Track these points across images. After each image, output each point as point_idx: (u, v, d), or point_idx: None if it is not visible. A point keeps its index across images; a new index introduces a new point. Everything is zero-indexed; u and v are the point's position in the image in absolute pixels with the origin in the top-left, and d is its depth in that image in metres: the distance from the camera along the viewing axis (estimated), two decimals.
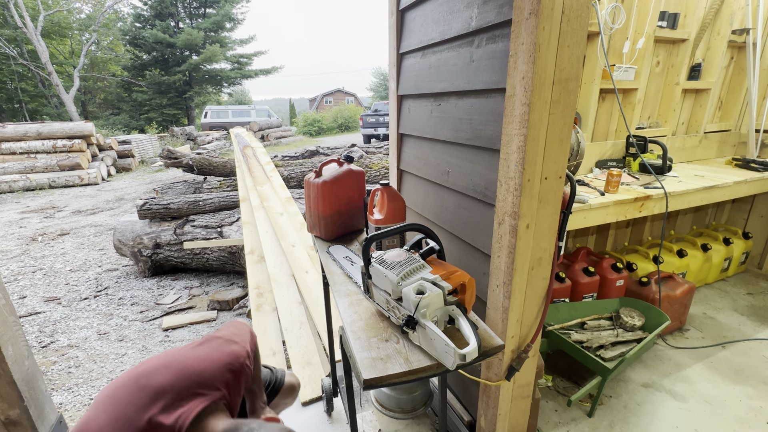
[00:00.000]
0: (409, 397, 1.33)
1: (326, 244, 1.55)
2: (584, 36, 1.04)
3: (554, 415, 1.80)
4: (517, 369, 1.30)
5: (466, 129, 1.35)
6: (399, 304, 0.93)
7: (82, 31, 19.49)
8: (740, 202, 3.20)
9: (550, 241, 1.22)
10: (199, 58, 20.18)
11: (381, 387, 0.90)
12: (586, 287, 2.24)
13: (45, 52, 15.20)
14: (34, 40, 14.98)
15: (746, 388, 1.93)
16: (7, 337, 1.47)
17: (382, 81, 40.92)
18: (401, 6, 1.73)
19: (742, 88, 2.85)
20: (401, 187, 2.02)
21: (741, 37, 2.64)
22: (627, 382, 1.99)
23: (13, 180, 7.99)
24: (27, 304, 3.26)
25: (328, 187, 1.49)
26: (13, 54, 15.86)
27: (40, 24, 15.62)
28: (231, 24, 22.22)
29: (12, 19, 14.89)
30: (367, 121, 14.35)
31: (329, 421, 1.81)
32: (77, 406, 2.07)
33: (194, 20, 21.65)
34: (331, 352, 1.76)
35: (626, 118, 2.39)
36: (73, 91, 17.13)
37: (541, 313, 1.30)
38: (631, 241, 2.92)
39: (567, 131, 1.11)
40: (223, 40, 21.87)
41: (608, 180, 1.95)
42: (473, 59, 1.27)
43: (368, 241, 1.03)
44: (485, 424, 1.46)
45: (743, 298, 2.76)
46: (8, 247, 4.71)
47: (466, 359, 0.81)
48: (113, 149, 10.16)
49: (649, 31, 2.26)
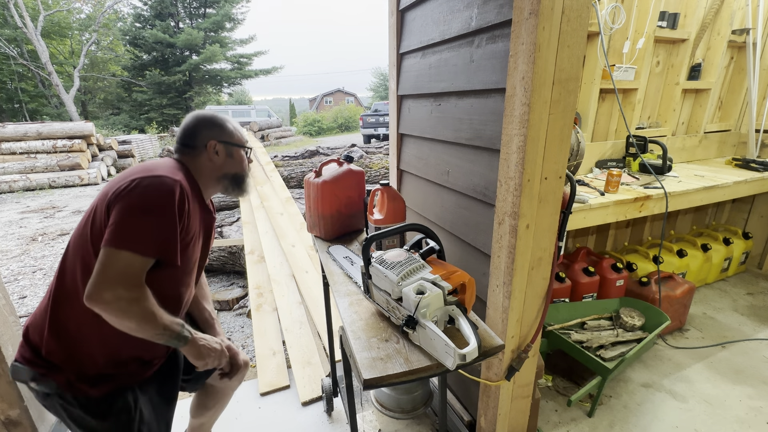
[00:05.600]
0: (409, 397, 1.33)
1: (326, 244, 1.55)
2: (584, 36, 1.04)
3: (554, 415, 1.80)
4: (517, 369, 1.30)
5: (466, 129, 1.35)
6: (399, 304, 0.93)
7: (82, 31, 19.49)
8: (740, 202, 3.20)
9: (550, 241, 1.22)
10: (199, 58, 20.18)
11: (381, 387, 0.90)
12: (586, 287, 2.24)
13: (45, 52, 15.20)
14: (34, 40, 14.98)
15: (746, 388, 1.92)
16: (7, 337, 1.47)
17: (382, 81, 40.90)
18: (401, 6, 1.73)
19: (742, 88, 2.85)
20: (401, 187, 2.02)
21: (741, 37, 2.64)
22: (627, 382, 1.99)
23: (13, 180, 7.99)
24: (27, 304, 3.26)
25: (328, 187, 1.49)
26: (13, 54, 15.86)
27: (40, 24, 15.62)
28: (231, 24, 22.21)
29: (12, 19, 14.88)
30: (367, 121, 14.36)
31: (329, 421, 1.81)
32: None
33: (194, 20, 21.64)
34: (331, 352, 1.76)
35: (626, 118, 2.39)
36: (73, 91, 17.13)
37: (541, 313, 1.30)
38: (631, 241, 2.92)
39: (567, 131, 1.11)
40: (223, 40, 21.87)
41: (608, 180, 1.95)
42: (473, 59, 1.27)
43: (368, 241, 1.03)
44: (485, 424, 1.46)
45: (743, 298, 2.76)
46: (8, 247, 4.71)
47: (466, 359, 0.81)
48: (113, 149, 10.15)
49: (649, 31, 2.26)
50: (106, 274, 0.91)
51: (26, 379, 1.03)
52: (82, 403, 1.05)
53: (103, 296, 0.91)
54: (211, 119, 1.20)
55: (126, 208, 0.95)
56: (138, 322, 0.95)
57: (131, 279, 0.94)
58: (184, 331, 1.05)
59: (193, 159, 1.18)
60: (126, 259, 0.93)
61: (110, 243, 0.93)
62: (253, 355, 2.41)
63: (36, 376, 1.02)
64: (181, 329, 1.04)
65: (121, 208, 0.95)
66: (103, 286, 0.91)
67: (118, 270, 0.92)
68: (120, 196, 0.96)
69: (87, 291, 0.91)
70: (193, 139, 1.17)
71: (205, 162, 1.18)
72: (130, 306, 0.94)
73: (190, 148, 1.17)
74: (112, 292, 0.91)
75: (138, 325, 0.96)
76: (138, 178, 0.98)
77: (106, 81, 21.75)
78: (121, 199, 0.95)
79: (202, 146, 1.17)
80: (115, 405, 1.07)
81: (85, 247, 1.00)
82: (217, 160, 1.19)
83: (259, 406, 1.93)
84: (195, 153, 1.17)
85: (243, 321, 2.89)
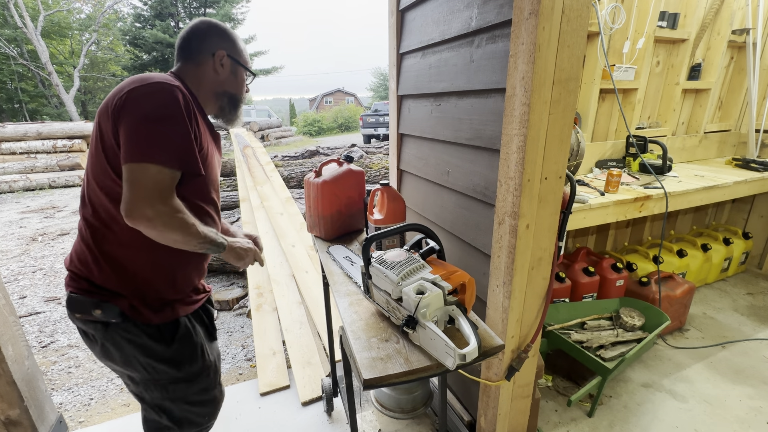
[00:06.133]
0: (409, 397, 1.33)
1: (326, 244, 1.55)
2: (584, 36, 1.04)
3: (554, 415, 1.80)
4: (517, 369, 1.30)
5: (466, 129, 1.35)
6: (399, 304, 0.93)
7: (82, 31, 19.48)
8: (740, 202, 3.20)
9: (550, 241, 1.22)
10: None
11: (381, 387, 0.90)
12: (586, 287, 2.24)
13: (45, 52, 15.19)
14: (34, 40, 14.97)
15: (746, 388, 1.92)
16: (7, 337, 1.47)
17: (382, 81, 40.89)
18: (401, 6, 1.73)
19: (742, 88, 2.85)
20: (401, 187, 2.02)
21: (741, 37, 2.64)
22: (627, 382, 1.99)
23: (13, 180, 7.98)
24: (27, 304, 3.26)
25: (328, 187, 1.49)
26: (13, 54, 15.85)
27: (40, 24, 15.61)
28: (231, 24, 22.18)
29: (12, 19, 14.87)
30: (367, 121, 14.35)
31: (329, 421, 1.81)
32: (77, 406, 2.07)
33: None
34: (331, 352, 1.76)
35: (626, 118, 2.39)
36: (73, 91, 17.12)
37: (541, 313, 1.30)
38: (631, 241, 2.92)
39: (567, 131, 1.11)
40: None
41: (608, 180, 1.95)
42: (473, 59, 1.27)
43: (368, 241, 1.03)
44: (485, 424, 1.46)
45: (743, 298, 2.76)
46: (8, 247, 4.71)
47: (466, 359, 0.81)
48: None
49: (649, 31, 2.26)
50: (140, 190, 0.89)
51: (89, 307, 1.01)
52: (146, 330, 1.06)
53: (145, 213, 0.89)
54: (224, 29, 1.13)
55: (135, 121, 0.91)
56: (182, 233, 0.96)
57: (165, 192, 0.92)
58: (219, 238, 1.07)
59: (195, 68, 1.11)
60: (153, 172, 0.91)
61: (131, 158, 0.90)
62: (253, 355, 2.41)
63: (98, 302, 1.01)
64: (216, 236, 1.06)
65: (130, 121, 0.91)
66: (142, 203, 0.89)
67: (149, 185, 0.90)
68: (124, 110, 0.92)
69: (125, 211, 0.89)
70: (200, 44, 1.10)
71: (208, 72, 1.12)
72: (172, 219, 0.93)
73: (193, 54, 1.10)
74: (152, 208, 0.90)
75: (183, 236, 0.96)
76: (134, 87, 0.94)
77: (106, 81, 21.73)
78: (126, 113, 0.92)
79: (209, 54, 1.10)
80: (178, 330, 1.11)
81: (105, 173, 0.97)
82: (222, 73, 1.13)
83: (259, 406, 1.93)
84: (198, 61, 1.11)
85: (243, 321, 2.89)
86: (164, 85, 0.96)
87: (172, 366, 1.11)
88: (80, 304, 1.02)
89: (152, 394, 1.13)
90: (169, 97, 0.95)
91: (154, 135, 0.92)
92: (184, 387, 1.15)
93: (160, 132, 0.93)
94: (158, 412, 1.15)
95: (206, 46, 1.11)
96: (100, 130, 0.97)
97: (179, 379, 1.13)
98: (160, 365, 1.09)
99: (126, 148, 0.91)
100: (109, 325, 1.04)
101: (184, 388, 1.15)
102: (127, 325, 1.04)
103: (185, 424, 1.20)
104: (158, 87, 0.95)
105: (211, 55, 1.11)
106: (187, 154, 0.98)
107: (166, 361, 1.10)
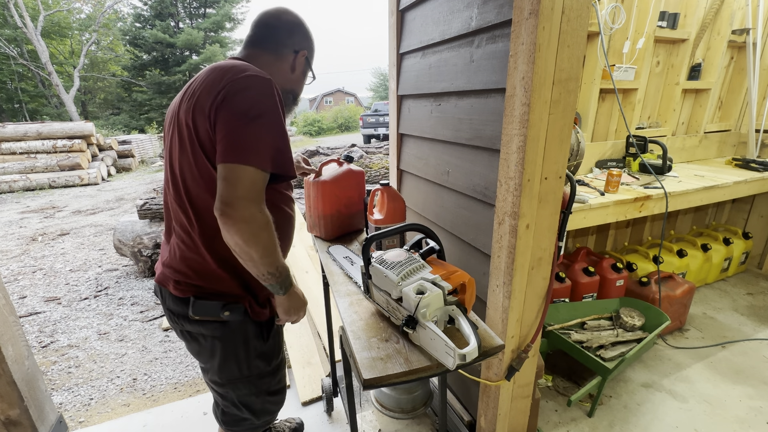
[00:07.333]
0: (409, 397, 1.33)
1: (326, 244, 1.55)
2: (584, 36, 1.04)
3: (554, 415, 1.80)
4: (517, 369, 1.30)
5: (466, 129, 1.35)
6: (399, 304, 0.93)
7: (82, 31, 19.50)
8: (740, 202, 3.20)
9: (550, 241, 1.22)
10: (200, 58, 20.16)
11: (381, 387, 0.90)
12: (586, 287, 2.24)
13: (45, 52, 15.20)
14: (34, 40, 14.98)
15: (746, 388, 1.92)
16: (7, 337, 1.47)
17: (382, 81, 40.88)
18: (401, 6, 1.73)
19: (742, 88, 2.85)
20: (401, 187, 2.02)
21: (741, 37, 2.64)
22: (627, 382, 1.99)
23: (13, 180, 7.99)
24: (27, 304, 3.26)
25: (328, 187, 1.49)
26: (13, 54, 15.86)
27: (40, 24, 15.62)
28: (231, 24, 22.19)
29: (12, 19, 14.88)
30: (367, 121, 14.36)
31: (329, 421, 1.81)
32: (77, 406, 2.07)
33: (194, 20, 21.63)
34: (331, 352, 1.76)
35: (626, 118, 2.39)
36: (73, 91, 17.13)
37: (541, 313, 1.30)
38: (631, 241, 2.92)
39: (567, 131, 1.11)
40: (224, 41, 21.85)
41: (608, 180, 1.95)
42: (473, 59, 1.27)
43: (368, 241, 1.03)
44: (485, 424, 1.46)
45: (743, 298, 2.76)
46: (8, 247, 4.71)
47: (466, 359, 0.81)
48: (113, 149, 10.16)
49: (649, 31, 2.26)
50: (237, 190, 0.84)
51: (217, 311, 1.01)
52: (258, 327, 1.10)
53: (242, 214, 0.84)
54: (309, 30, 1.09)
55: (233, 117, 0.87)
56: (262, 252, 0.89)
57: (260, 198, 0.87)
58: (290, 276, 1.00)
59: (274, 60, 1.05)
60: (250, 174, 0.86)
61: (228, 158, 0.85)
62: None
63: (225, 305, 1.02)
64: (288, 272, 0.99)
65: (228, 117, 0.87)
66: (241, 203, 0.84)
67: (247, 186, 0.85)
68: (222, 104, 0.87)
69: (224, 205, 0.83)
70: (286, 38, 1.05)
71: (284, 67, 1.07)
72: (261, 231, 0.87)
73: (278, 47, 1.04)
74: (248, 211, 0.85)
75: (261, 256, 0.89)
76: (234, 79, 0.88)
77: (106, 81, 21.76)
78: (223, 107, 0.87)
79: (291, 50, 1.06)
80: (272, 327, 1.15)
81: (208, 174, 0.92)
82: (297, 72, 1.10)
83: None
84: (280, 54, 1.05)
85: None
86: (261, 80, 0.91)
87: (264, 360, 1.14)
88: (209, 308, 1.02)
89: (239, 392, 1.14)
90: (268, 91, 0.90)
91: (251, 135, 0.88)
92: (268, 380, 1.18)
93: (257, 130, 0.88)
94: (239, 407, 1.17)
95: (292, 42, 1.07)
96: (193, 126, 0.92)
97: (267, 372, 1.17)
98: (255, 360, 1.12)
99: (223, 145, 0.87)
100: (227, 324, 1.05)
101: (268, 381, 1.18)
102: (245, 323, 1.07)
103: (263, 414, 1.23)
104: (258, 81, 0.90)
105: (294, 52, 1.08)
106: (282, 154, 0.93)
107: (260, 355, 1.13)
